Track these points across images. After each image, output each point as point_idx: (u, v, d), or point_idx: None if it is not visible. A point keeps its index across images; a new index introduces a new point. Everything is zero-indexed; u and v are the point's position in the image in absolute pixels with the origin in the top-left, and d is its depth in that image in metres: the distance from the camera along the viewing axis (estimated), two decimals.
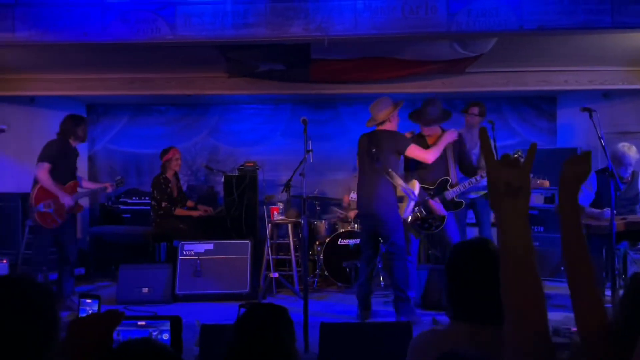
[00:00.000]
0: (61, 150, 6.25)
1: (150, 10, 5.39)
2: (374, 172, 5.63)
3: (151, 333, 2.68)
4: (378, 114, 5.74)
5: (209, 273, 6.66)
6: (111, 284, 7.32)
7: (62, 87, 7.75)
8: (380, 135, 5.72)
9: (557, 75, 7.43)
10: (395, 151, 5.68)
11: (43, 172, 6.08)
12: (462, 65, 6.97)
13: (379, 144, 5.63)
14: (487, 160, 1.51)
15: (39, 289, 1.80)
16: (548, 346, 1.51)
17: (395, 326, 4.38)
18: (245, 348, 1.92)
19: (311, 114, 8.59)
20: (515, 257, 1.49)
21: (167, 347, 1.63)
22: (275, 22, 5.35)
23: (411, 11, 5.28)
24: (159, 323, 2.68)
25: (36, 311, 1.74)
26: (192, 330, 4.22)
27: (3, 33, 5.46)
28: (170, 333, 2.66)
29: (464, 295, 2.04)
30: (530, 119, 9.08)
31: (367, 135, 5.84)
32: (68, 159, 6.37)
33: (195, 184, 9.30)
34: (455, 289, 2.08)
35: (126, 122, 9.60)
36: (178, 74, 7.56)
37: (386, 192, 5.63)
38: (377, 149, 5.59)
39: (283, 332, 1.98)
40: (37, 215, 6.03)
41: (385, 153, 5.61)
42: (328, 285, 7.36)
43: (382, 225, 5.63)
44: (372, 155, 5.58)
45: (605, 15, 5.24)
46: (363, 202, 5.75)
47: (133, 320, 2.78)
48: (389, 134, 5.75)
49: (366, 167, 5.73)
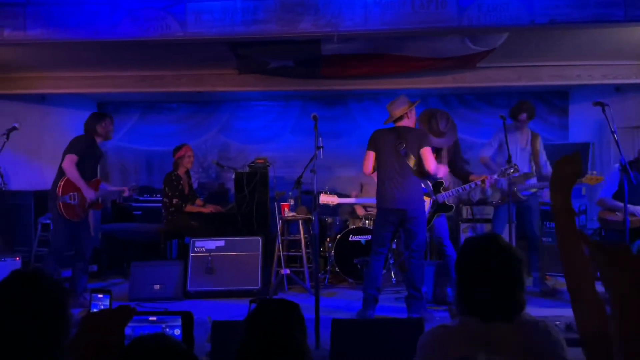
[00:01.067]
0: (89, 146, 6.30)
1: (160, 8, 5.40)
2: (402, 167, 5.59)
3: (163, 329, 2.68)
4: (394, 111, 5.72)
5: (220, 270, 6.66)
6: (123, 281, 7.36)
7: (73, 85, 7.77)
8: (404, 130, 5.69)
9: (569, 70, 7.36)
10: (418, 148, 5.65)
11: (70, 164, 6.11)
12: (474, 60, 6.93)
13: (406, 139, 5.61)
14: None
15: (51, 283, 1.81)
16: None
17: (407, 322, 4.36)
18: (257, 343, 1.91)
19: (322, 111, 8.56)
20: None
21: (179, 342, 1.63)
22: (285, 18, 5.33)
23: (421, 6, 5.25)
24: (171, 319, 2.68)
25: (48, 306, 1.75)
26: (203, 327, 4.23)
27: (15, 31, 5.49)
28: (181, 329, 2.67)
29: (473, 290, 2.02)
30: (542, 114, 9.00)
31: (389, 130, 5.78)
32: (93, 157, 6.44)
33: (206, 181, 9.32)
34: (465, 284, 2.06)
35: (137, 120, 9.62)
36: (188, 71, 7.57)
37: (417, 188, 5.63)
38: (406, 145, 5.58)
39: (294, 328, 1.97)
40: (62, 205, 6.06)
41: (411, 148, 5.60)
42: (339, 282, 7.36)
43: (412, 221, 5.58)
44: (403, 151, 5.56)
45: (618, 9, 5.18)
46: (389, 198, 5.62)
47: (144, 315, 2.79)
48: (413, 130, 5.75)
49: (392, 162, 5.64)
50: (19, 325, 1.72)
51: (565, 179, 1.79)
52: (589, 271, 1.65)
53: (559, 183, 1.80)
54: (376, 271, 5.72)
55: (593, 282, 1.65)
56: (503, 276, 1.99)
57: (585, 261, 1.68)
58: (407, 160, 5.56)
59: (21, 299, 1.75)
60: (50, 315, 1.76)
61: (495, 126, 6.44)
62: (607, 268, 1.47)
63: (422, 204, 5.67)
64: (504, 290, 1.98)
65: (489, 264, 1.99)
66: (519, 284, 1.99)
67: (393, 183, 5.61)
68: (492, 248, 2.03)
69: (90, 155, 6.35)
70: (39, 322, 1.73)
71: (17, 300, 1.76)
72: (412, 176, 5.58)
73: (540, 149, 6.47)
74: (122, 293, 6.62)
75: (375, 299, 5.67)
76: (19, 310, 1.74)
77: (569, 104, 9.09)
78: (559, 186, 1.80)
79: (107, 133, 6.49)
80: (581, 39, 6.23)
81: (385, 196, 5.66)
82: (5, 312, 1.74)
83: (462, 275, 2.09)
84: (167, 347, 1.57)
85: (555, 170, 1.87)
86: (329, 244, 7.53)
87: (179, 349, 1.58)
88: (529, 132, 6.56)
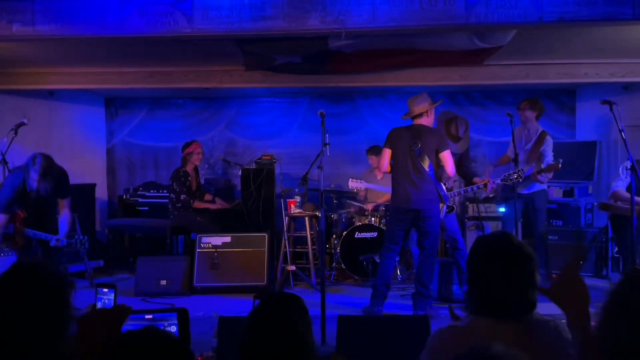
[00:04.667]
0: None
1: (168, 3, 5.40)
2: (415, 167, 5.58)
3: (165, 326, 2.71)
4: (415, 108, 5.70)
5: (226, 266, 6.68)
6: (129, 276, 7.37)
7: (81, 80, 7.79)
8: (421, 129, 5.67)
9: (577, 68, 7.33)
10: (436, 149, 5.63)
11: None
12: (481, 57, 6.92)
13: (422, 139, 5.60)
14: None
15: (52, 275, 1.82)
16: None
17: (413, 319, 4.37)
18: (261, 336, 1.91)
19: (328, 108, 8.56)
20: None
21: (170, 333, 1.64)
22: (293, 15, 5.33)
23: (429, 3, 5.24)
24: (167, 316, 2.70)
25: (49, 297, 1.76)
26: (209, 322, 4.25)
27: (23, 27, 5.50)
28: (177, 325, 2.68)
29: (484, 290, 2.01)
30: (549, 112, 8.95)
31: (406, 128, 5.76)
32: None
33: (212, 177, 9.34)
34: (477, 283, 2.05)
35: (144, 116, 9.63)
36: (196, 67, 7.58)
37: (431, 189, 5.60)
38: (421, 144, 5.57)
39: (298, 320, 1.97)
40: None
41: (426, 149, 5.58)
42: (345, 279, 7.37)
43: (426, 221, 5.58)
44: (417, 151, 5.55)
45: (627, 7, 5.15)
46: (404, 198, 5.62)
47: (141, 314, 2.81)
48: (432, 130, 5.74)
49: (406, 161, 5.63)
50: (20, 316, 1.73)
51: (573, 298, 1.80)
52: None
53: (570, 305, 1.82)
54: (387, 267, 5.73)
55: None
56: (515, 275, 1.97)
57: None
58: (420, 160, 5.55)
59: (22, 290, 1.77)
60: (50, 307, 1.77)
61: (503, 124, 6.42)
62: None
63: (436, 204, 5.64)
64: (516, 289, 1.96)
65: (501, 264, 1.98)
66: (532, 283, 1.98)
67: (408, 183, 5.60)
68: (504, 247, 2.02)
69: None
70: (40, 312, 1.74)
71: (18, 290, 1.77)
72: (426, 176, 5.57)
73: (543, 149, 6.42)
74: (128, 288, 6.64)
75: (384, 296, 5.68)
76: (19, 300, 1.75)
77: (577, 102, 9.05)
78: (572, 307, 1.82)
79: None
80: (589, 37, 6.21)
81: (400, 196, 5.66)
82: (5, 302, 1.75)
83: (473, 275, 2.07)
84: (159, 337, 1.58)
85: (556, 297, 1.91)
86: (335, 241, 7.53)
87: (170, 340, 1.60)
88: (536, 130, 6.54)
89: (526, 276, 1.98)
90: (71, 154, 8.17)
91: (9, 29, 5.51)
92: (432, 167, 5.64)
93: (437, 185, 5.65)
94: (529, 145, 6.50)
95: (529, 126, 6.55)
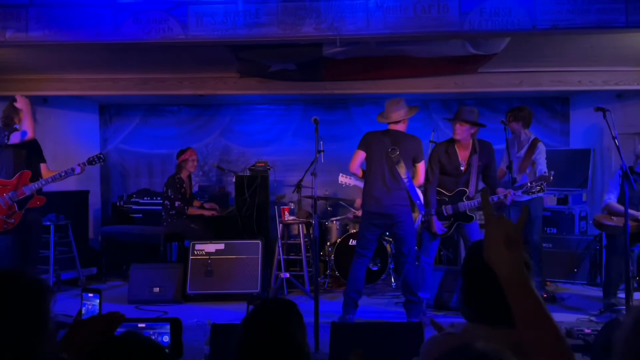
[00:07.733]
0: None
1: (162, 10, 5.40)
2: (391, 172, 5.59)
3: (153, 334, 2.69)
4: (392, 114, 5.71)
5: (220, 273, 6.66)
6: (122, 284, 7.35)
7: (75, 87, 7.77)
8: (399, 136, 5.69)
9: (571, 76, 7.36)
10: (413, 157, 5.65)
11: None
12: (475, 65, 6.94)
13: (399, 145, 5.61)
14: (487, 218, 1.60)
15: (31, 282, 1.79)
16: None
17: (407, 326, 4.37)
18: (255, 341, 1.90)
19: (323, 115, 8.57)
20: (524, 306, 1.57)
21: (148, 337, 1.63)
22: (287, 22, 5.34)
23: (423, 10, 5.26)
24: (159, 325, 2.69)
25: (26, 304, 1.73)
26: (202, 330, 4.24)
27: (17, 33, 5.49)
28: (170, 335, 2.67)
29: (480, 296, 2.00)
30: (543, 120, 9.02)
31: (382, 133, 5.77)
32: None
33: (206, 184, 9.33)
34: (472, 289, 2.04)
35: (138, 123, 9.62)
36: (190, 74, 7.58)
37: (404, 194, 5.61)
38: (399, 151, 5.57)
39: (292, 325, 1.97)
40: None
41: (403, 156, 5.59)
42: (339, 286, 7.35)
43: (399, 226, 5.58)
44: (396, 156, 5.55)
45: (620, 15, 5.18)
46: (376, 201, 5.63)
47: (134, 322, 2.79)
48: (410, 137, 5.74)
49: (382, 166, 5.63)
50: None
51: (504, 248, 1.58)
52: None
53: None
54: (359, 274, 5.68)
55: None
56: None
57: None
58: (397, 167, 5.56)
59: (0, 297, 1.74)
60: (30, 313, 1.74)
61: (497, 131, 6.42)
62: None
63: (408, 208, 5.64)
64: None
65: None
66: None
67: (380, 187, 5.60)
68: None
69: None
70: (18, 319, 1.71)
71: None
72: (400, 182, 5.57)
73: (535, 156, 6.41)
74: (121, 295, 6.62)
75: (356, 303, 5.64)
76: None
77: (570, 110, 9.09)
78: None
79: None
80: (583, 45, 6.23)
81: (372, 199, 5.66)
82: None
83: (468, 281, 2.07)
84: (137, 342, 1.57)
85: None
86: (329, 248, 7.52)
87: (148, 344, 1.59)
88: (527, 138, 6.55)
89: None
90: (65, 161, 8.13)
91: (2, 35, 5.49)
92: (409, 174, 5.62)
93: (413, 193, 5.62)
94: (520, 153, 6.52)
95: (520, 135, 6.58)
